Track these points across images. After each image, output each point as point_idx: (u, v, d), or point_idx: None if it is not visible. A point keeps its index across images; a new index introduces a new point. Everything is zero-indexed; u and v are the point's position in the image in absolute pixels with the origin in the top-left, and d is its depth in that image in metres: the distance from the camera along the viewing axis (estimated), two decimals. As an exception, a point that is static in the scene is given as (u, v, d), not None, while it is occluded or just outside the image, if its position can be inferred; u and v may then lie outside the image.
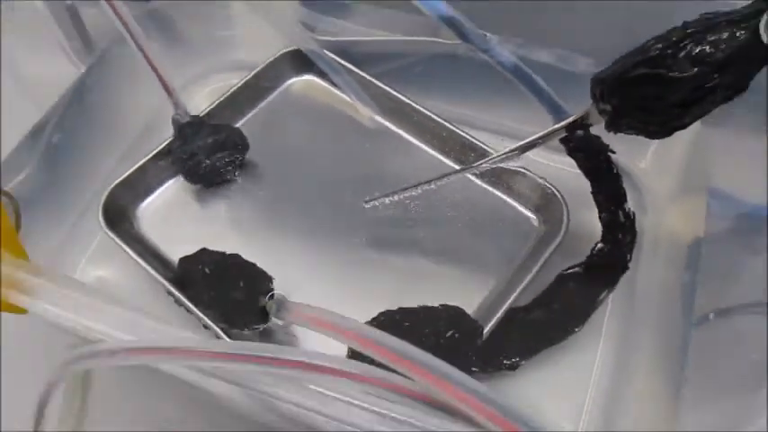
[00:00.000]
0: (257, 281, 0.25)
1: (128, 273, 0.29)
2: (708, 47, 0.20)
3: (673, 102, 0.21)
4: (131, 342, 0.15)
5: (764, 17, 0.19)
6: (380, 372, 0.14)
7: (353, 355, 0.20)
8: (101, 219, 0.28)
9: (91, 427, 0.26)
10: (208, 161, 0.30)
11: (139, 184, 0.30)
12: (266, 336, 0.27)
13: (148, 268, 0.27)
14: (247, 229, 0.30)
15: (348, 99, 0.32)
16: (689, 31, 0.20)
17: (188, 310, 0.26)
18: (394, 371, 0.15)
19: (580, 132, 0.28)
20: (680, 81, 0.20)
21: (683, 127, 0.23)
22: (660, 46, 0.20)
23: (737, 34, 0.20)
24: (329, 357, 0.14)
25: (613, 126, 0.23)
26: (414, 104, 0.31)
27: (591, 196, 0.28)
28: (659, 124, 0.23)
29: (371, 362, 0.16)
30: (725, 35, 0.20)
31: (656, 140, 0.31)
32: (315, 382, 0.14)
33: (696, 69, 0.20)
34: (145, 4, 0.29)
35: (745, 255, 0.27)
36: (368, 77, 0.32)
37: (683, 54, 0.20)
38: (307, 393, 0.15)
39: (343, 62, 0.32)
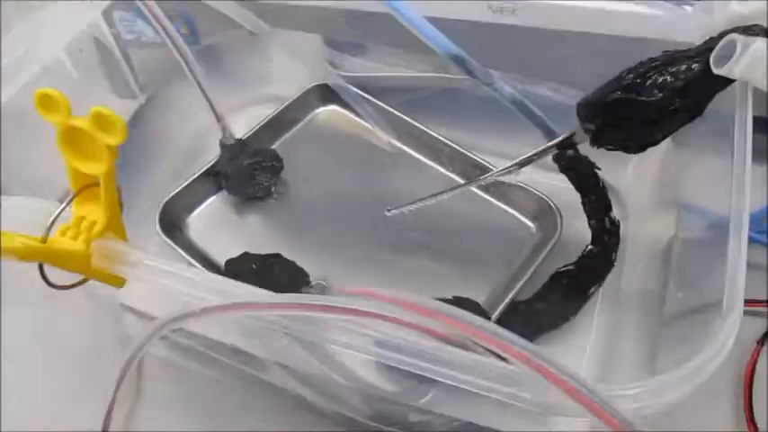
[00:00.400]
0: (298, 275, 0.29)
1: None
2: (669, 77, 0.25)
3: (643, 121, 0.26)
4: (220, 300, 0.19)
5: (714, 52, 0.24)
6: (426, 319, 0.18)
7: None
8: (158, 227, 0.32)
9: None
10: (249, 177, 0.34)
11: (189, 198, 0.35)
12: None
13: (199, 267, 0.31)
14: (281, 235, 0.34)
15: (368, 126, 0.37)
16: (654, 64, 0.25)
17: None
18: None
19: (570, 153, 0.33)
20: (648, 104, 0.25)
21: (655, 143, 0.27)
22: (632, 76, 0.25)
23: (693, 66, 0.25)
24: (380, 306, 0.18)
25: (596, 142, 0.28)
26: (425, 129, 0.36)
27: (581, 207, 0.33)
28: (634, 140, 0.27)
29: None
30: (683, 67, 0.25)
31: (635, 159, 0.36)
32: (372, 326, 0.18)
33: (660, 95, 0.25)
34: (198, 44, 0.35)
35: (712, 257, 0.31)
36: (385, 107, 0.37)
37: (649, 82, 0.25)
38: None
39: (363, 94, 0.37)
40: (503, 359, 0.18)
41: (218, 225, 0.34)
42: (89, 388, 0.33)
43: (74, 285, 0.21)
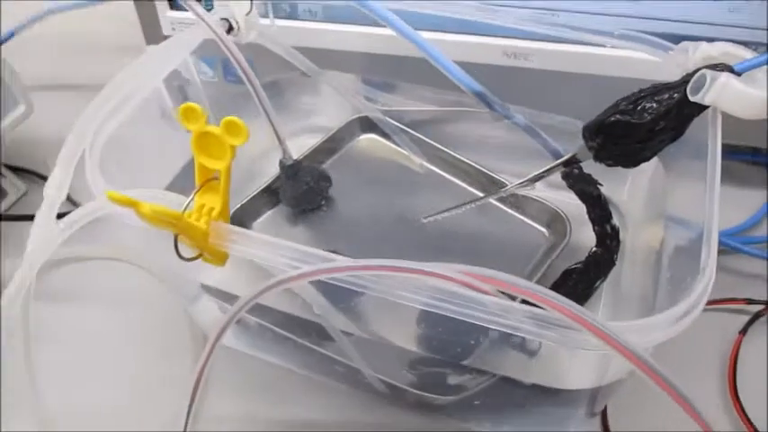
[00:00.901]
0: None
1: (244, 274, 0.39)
2: (655, 103, 0.31)
3: (636, 140, 0.32)
4: (311, 267, 0.25)
5: (690, 84, 0.31)
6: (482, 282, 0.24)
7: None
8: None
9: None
10: (303, 193, 0.40)
11: (251, 210, 0.41)
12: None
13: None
14: (329, 242, 0.40)
15: (402, 150, 0.44)
16: (643, 94, 0.31)
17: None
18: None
19: (576, 172, 0.39)
20: (639, 125, 0.31)
21: (646, 159, 0.33)
22: (626, 102, 0.31)
23: (673, 95, 0.31)
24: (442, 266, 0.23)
25: (598, 158, 0.34)
26: (451, 153, 0.42)
27: (586, 217, 0.39)
28: (629, 157, 0.34)
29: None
30: (666, 96, 0.31)
31: (630, 179, 0.42)
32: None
33: (648, 117, 0.31)
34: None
35: (693, 257, 0.37)
36: (417, 134, 0.43)
37: (639, 108, 0.31)
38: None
39: (397, 124, 0.44)
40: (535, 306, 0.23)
41: (275, 233, 0.40)
42: (171, 373, 0.38)
43: (194, 258, 0.27)
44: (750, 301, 0.40)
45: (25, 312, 0.29)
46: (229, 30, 0.38)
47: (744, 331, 0.39)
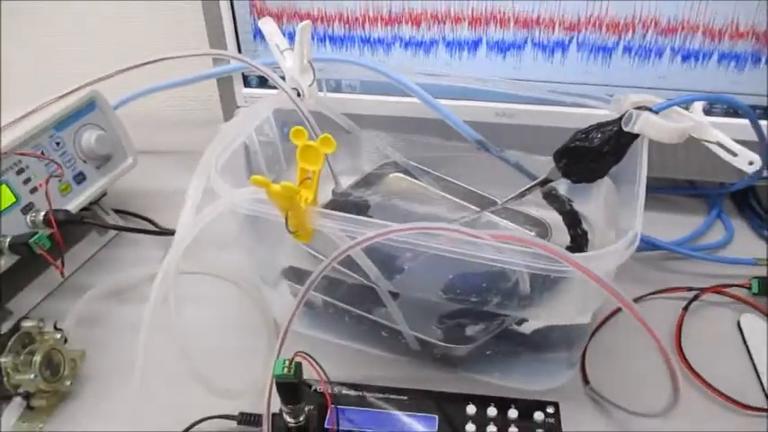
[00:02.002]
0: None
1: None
2: (601, 133, 0.45)
3: (590, 160, 0.46)
4: (372, 232, 0.37)
5: (624, 118, 0.44)
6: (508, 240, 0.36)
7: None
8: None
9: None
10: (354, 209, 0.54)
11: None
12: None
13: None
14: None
15: (422, 183, 0.57)
16: (592, 127, 0.45)
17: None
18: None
19: (555, 192, 0.53)
20: (591, 149, 0.45)
21: (600, 176, 0.47)
22: (581, 133, 0.45)
23: (614, 128, 0.45)
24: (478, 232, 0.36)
25: (565, 176, 0.47)
26: (458, 183, 0.56)
27: (563, 224, 0.52)
28: (588, 173, 0.47)
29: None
30: (608, 128, 0.45)
31: (592, 197, 0.55)
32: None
33: (597, 143, 0.45)
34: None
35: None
36: (432, 171, 0.57)
37: (590, 136, 0.45)
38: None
39: (417, 164, 0.58)
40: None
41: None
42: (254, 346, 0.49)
43: (294, 233, 0.39)
44: (689, 289, 0.52)
45: (173, 279, 0.41)
46: (297, 96, 0.53)
47: (685, 308, 0.51)
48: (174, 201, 0.43)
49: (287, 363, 0.37)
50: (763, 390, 0.45)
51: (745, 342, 0.49)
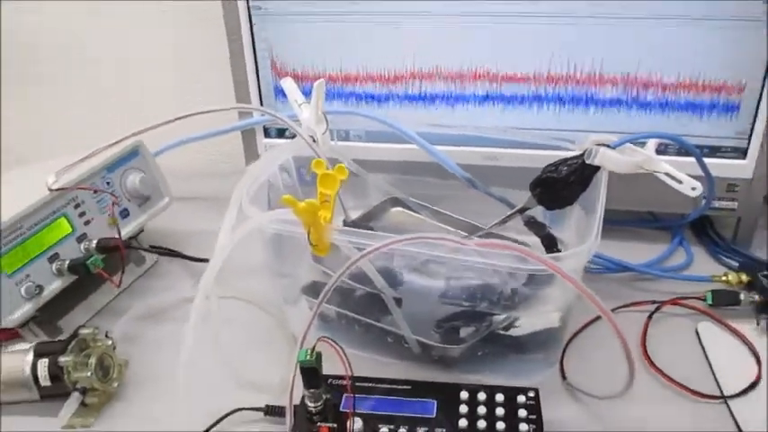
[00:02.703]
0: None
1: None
2: (567, 166, 0.54)
3: (560, 188, 0.54)
4: (379, 242, 0.45)
5: (586, 153, 0.53)
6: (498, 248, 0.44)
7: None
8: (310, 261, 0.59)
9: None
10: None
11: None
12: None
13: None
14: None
15: (420, 216, 0.66)
16: (559, 161, 0.54)
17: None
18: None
19: (533, 219, 0.61)
20: (559, 179, 0.53)
21: (570, 203, 0.55)
22: (551, 166, 0.54)
23: (578, 161, 0.54)
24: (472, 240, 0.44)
25: (541, 203, 0.56)
26: (451, 214, 0.64)
27: (542, 246, 0.60)
28: (559, 201, 0.55)
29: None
30: (573, 161, 0.54)
31: (566, 222, 0.63)
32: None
33: (564, 174, 0.53)
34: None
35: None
36: (428, 205, 0.66)
37: (558, 168, 0.54)
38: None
39: (415, 200, 0.66)
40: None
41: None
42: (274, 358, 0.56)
43: (314, 246, 0.47)
44: (654, 302, 0.60)
45: (214, 283, 0.49)
46: (313, 141, 0.62)
47: (650, 317, 0.58)
48: (200, 239, 0.51)
49: (309, 351, 0.44)
50: (717, 383, 0.52)
51: (702, 345, 0.56)
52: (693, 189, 0.52)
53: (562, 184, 0.54)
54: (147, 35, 0.91)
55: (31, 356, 0.51)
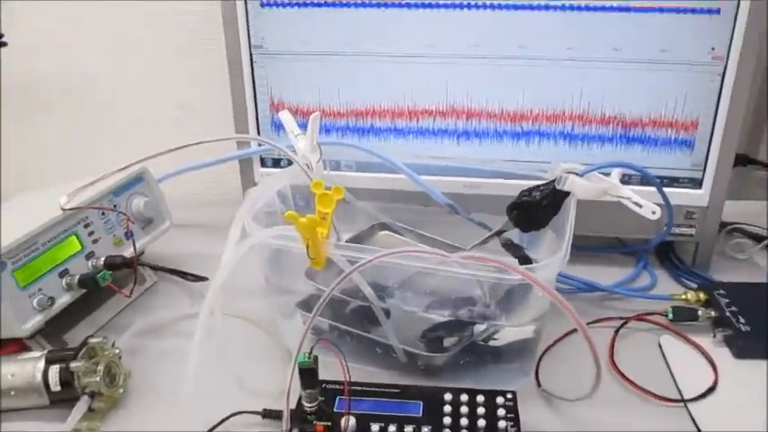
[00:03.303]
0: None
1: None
2: (539, 192, 0.59)
3: (534, 212, 0.60)
4: (371, 255, 0.49)
5: (557, 179, 0.59)
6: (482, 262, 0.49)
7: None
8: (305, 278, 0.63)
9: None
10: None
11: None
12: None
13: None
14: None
15: (405, 239, 0.70)
16: (532, 187, 0.60)
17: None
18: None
19: (510, 242, 0.66)
20: (533, 203, 0.59)
21: (543, 225, 0.61)
22: (525, 191, 0.59)
23: (549, 187, 0.59)
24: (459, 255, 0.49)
25: (517, 225, 0.61)
26: (435, 237, 0.69)
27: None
28: (533, 223, 0.61)
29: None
30: (546, 187, 0.59)
31: (540, 244, 0.69)
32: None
33: (537, 198, 0.59)
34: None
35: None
36: (413, 229, 0.71)
37: (533, 193, 0.59)
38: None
39: (401, 224, 0.71)
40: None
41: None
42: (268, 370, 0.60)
43: (312, 260, 0.52)
44: (620, 318, 0.65)
45: (222, 289, 0.52)
46: (308, 169, 0.67)
47: (616, 331, 0.63)
48: (196, 261, 0.56)
49: (307, 353, 0.48)
50: (678, 388, 0.57)
51: (664, 356, 0.61)
52: (653, 213, 0.58)
53: (536, 208, 0.59)
54: (151, 68, 0.97)
55: (42, 363, 0.54)
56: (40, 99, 1.01)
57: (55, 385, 0.53)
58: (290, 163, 0.66)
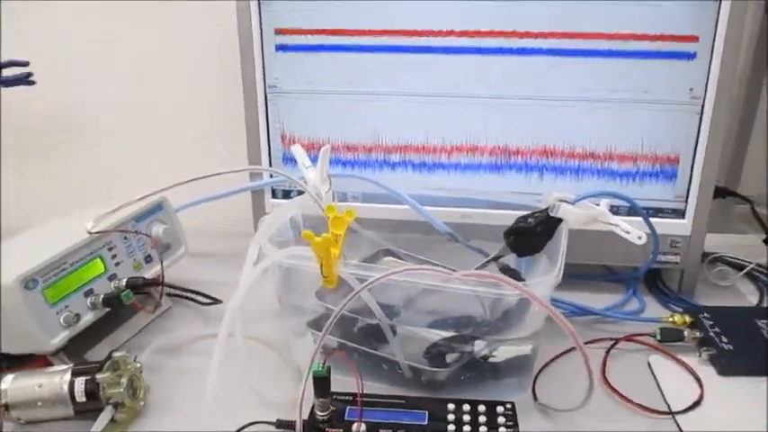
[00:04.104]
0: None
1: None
2: (534, 219, 0.63)
3: (529, 237, 0.64)
4: (380, 273, 0.53)
5: (550, 207, 0.63)
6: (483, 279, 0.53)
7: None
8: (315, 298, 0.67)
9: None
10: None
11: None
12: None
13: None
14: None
15: (406, 263, 0.74)
16: (527, 214, 0.64)
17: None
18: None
19: (506, 265, 0.70)
20: (528, 228, 0.63)
21: (538, 250, 0.65)
22: (521, 218, 0.64)
23: (543, 214, 0.63)
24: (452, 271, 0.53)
25: (513, 250, 0.65)
26: (436, 262, 0.73)
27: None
28: (529, 247, 0.65)
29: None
30: (540, 214, 0.63)
31: (535, 268, 0.73)
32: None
33: (532, 224, 0.63)
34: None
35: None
36: (413, 255, 0.74)
37: (528, 220, 0.63)
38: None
39: (403, 251, 0.75)
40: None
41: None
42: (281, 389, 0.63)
43: (326, 278, 0.56)
44: (611, 339, 0.68)
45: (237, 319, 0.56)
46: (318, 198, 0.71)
47: (608, 351, 0.67)
48: (209, 287, 0.60)
49: (321, 363, 0.52)
50: (666, 402, 0.60)
51: (653, 374, 0.64)
52: (639, 238, 0.62)
53: (531, 233, 0.64)
54: (171, 109, 1.04)
55: (68, 376, 0.57)
56: (60, 133, 1.07)
57: (80, 396, 0.56)
58: (299, 194, 0.70)
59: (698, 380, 0.62)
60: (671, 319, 0.70)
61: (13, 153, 1.09)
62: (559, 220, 0.63)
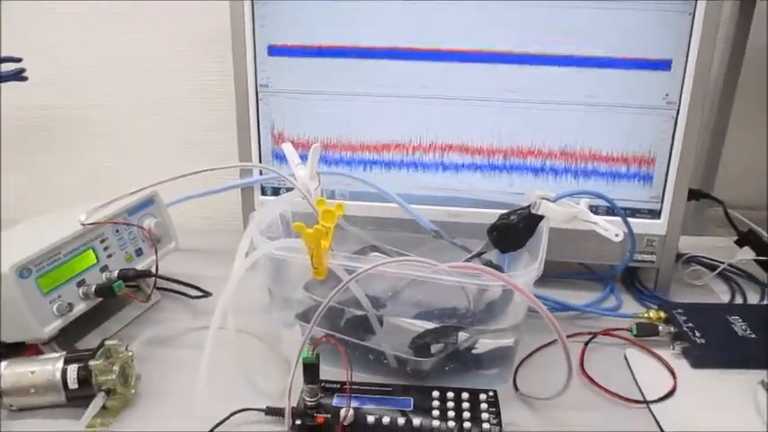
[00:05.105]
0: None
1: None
2: (516, 216, 0.66)
3: (511, 233, 0.66)
4: (367, 264, 0.55)
5: (532, 204, 0.65)
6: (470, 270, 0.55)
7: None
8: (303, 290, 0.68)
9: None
10: (343, 278, 0.71)
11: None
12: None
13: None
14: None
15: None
16: (510, 211, 0.66)
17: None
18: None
19: (489, 261, 0.72)
20: (511, 225, 0.65)
21: (520, 246, 0.67)
22: (503, 215, 0.66)
23: (525, 211, 0.66)
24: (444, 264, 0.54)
25: (496, 246, 0.67)
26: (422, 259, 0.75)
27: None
28: (512, 244, 0.67)
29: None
30: (522, 211, 0.66)
31: (517, 265, 0.75)
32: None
33: (514, 221, 0.65)
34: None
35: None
36: (402, 251, 0.76)
37: (510, 217, 0.65)
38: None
39: (389, 247, 0.77)
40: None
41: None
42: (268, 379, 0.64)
43: (316, 269, 0.57)
44: (589, 332, 0.71)
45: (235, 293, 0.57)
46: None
47: (586, 344, 0.69)
48: (199, 282, 0.62)
49: (311, 350, 0.53)
50: (641, 393, 0.62)
51: (629, 366, 0.66)
52: (617, 235, 0.64)
53: (513, 230, 0.66)
54: (164, 106, 1.06)
55: (61, 363, 0.58)
56: (58, 130, 1.09)
57: (73, 383, 0.57)
58: (288, 192, 0.72)
59: (671, 372, 0.65)
60: (646, 315, 0.73)
61: (12, 150, 1.10)
62: (541, 218, 0.65)
